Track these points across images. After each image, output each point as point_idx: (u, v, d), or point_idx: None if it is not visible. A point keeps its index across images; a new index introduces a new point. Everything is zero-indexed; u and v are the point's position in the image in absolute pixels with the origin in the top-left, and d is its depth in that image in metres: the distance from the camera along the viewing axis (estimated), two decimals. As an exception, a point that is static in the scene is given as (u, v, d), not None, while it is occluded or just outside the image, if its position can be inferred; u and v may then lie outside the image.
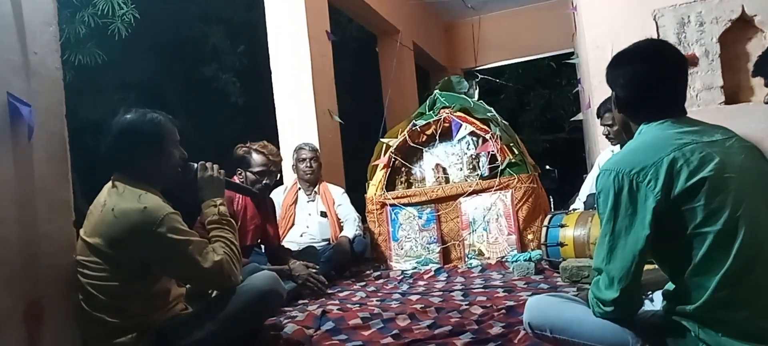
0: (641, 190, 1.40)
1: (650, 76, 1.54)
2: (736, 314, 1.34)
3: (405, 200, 4.24)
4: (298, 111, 5.07)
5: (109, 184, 2.05)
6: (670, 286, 1.50)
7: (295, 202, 4.33)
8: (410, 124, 4.38)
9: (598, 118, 3.89)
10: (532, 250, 3.77)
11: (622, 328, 1.52)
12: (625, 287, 1.43)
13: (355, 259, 4.12)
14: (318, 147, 4.50)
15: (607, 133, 3.82)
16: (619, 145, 3.76)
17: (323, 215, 4.28)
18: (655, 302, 1.77)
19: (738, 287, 1.34)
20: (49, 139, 1.97)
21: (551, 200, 5.83)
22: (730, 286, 1.33)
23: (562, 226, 3.32)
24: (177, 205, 2.06)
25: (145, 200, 1.95)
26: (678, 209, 1.37)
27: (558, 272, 3.20)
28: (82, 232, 2.02)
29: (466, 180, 4.21)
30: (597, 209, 1.52)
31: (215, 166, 2.30)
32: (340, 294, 3.33)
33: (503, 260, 3.80)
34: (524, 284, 3.16)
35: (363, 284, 3.62)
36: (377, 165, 4.44)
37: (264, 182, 3.30)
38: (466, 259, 3.98)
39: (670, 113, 1.52)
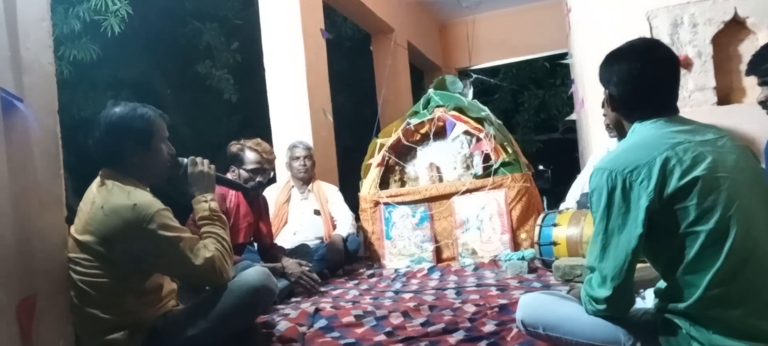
0: (634, 189, 1.40)
1: (644, 74, 1.54)
2: (728, 313, 1.35)
3: (399, 199, 4.23)
4: (292, 109, 5.06)
5: (98, 180, 2.04)
6: (662, 284, 1.51)
7: (288, 200, 4.33)
8: (404, 123, 4.37)
9: (602, 107, 3.92)
10: (525, 249, 3.78)
11: (614, 326, 1.53)
12: (617, 285, 1.43)
13: (348, 257, 4.11)
14: (312, 145, 4.49)
15: (609, 122, 3.85)
16: (616, 139, 3.79)
17: (316, 213, 4.28)
18: (647, 300, 1.78)
19: (730, 286, 1.34)
20: (41, 135, 1.95)
21: (545, 199, 5.84)
22: (722, 284, 1.34)
23: (555, 225, 3.32)
24: (168, 201, 2.05)
25: (134, 197, 1.94)
26: (671, 208, 1.38)
27: (551, 271, 3.21)
28: (72, 229, 2.01)
29: (460, 179, 4.21)
30: (590, 207, 1.52)
31: (205, 162, 2.29)
32: (333, 292, 3.32)
33: (496, 258, 3.80)
34: (517, 282, 3.16)
35: (356, 282, 3.61)
36: (371, 163, 4.44)
37: (257, 179, 3.30)
38: (460, 258, 3.99)
39: (663, 112, 1.52)
